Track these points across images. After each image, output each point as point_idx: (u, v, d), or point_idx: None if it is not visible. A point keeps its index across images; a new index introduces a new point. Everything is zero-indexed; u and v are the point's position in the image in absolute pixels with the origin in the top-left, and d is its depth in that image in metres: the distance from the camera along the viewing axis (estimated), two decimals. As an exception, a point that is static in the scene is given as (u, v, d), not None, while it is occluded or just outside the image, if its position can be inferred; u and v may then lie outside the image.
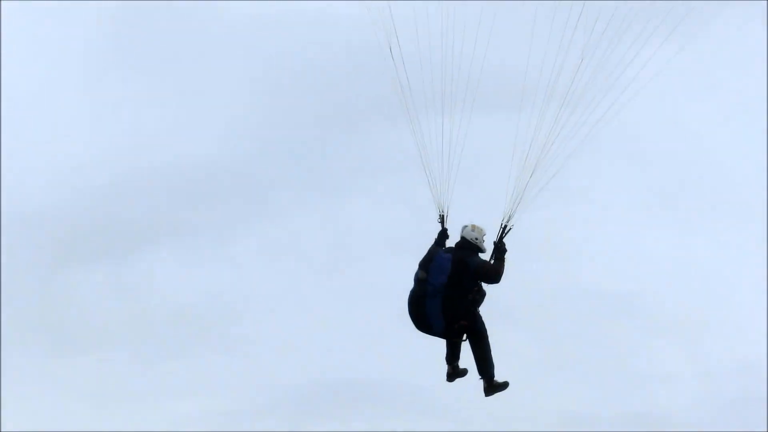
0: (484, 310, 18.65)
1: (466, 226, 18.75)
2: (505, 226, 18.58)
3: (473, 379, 19.04)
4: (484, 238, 18.65)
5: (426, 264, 18.52)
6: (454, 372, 19.05)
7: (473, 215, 18.88)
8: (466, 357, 19.06)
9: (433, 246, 18.80)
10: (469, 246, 18.59)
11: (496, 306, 18.90)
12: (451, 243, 18.87)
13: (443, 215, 18.96)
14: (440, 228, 19.02)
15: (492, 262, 18.47)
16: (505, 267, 18.42)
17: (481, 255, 18.54)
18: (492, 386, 18.72)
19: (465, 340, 18.72)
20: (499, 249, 18.51)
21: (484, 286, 18.43)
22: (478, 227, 18.68)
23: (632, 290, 41.97)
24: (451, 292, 18.23)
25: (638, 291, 42.13)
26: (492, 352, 18.59)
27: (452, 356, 18.93)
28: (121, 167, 44.26)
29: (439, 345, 19.10)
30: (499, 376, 18.72)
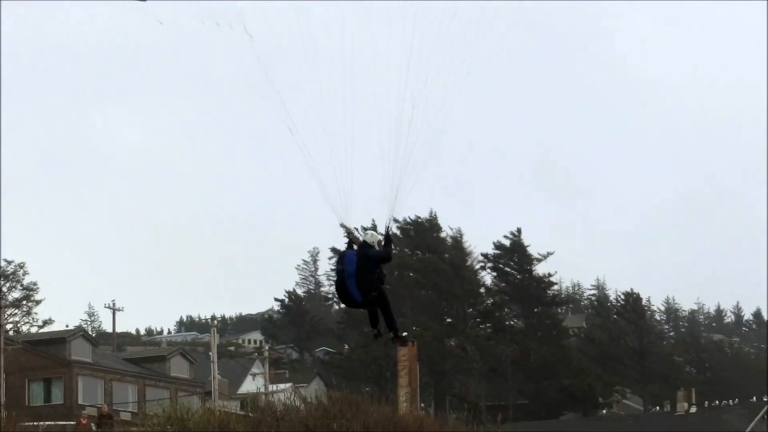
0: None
1: (367, 233, 27.57)
2: (388, 227, 27.38)
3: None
4: (378, 239, 27.52)
5: (341, 260, 27.33)
6: (378, 333, 27.71)
7: (367, 222, 27.80)
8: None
9: (344, 250, 27.65)
10: (368, 245, 27.45)
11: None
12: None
13: (349, 230, 27.60)
14: (348, 239, 27.74)
15: (383, 248, 27.22)
16: (392, 247, 27.13)
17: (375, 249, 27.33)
18: (396, 337, 27.65)
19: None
20: (388, 237, 27.41)
21: (384, 268, 27.19)
22: (374, 234, 27.58)
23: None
24: (361, 273, 26.83)
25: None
26: (394, 315, 27.38)
27: (373, 322, 27.57)
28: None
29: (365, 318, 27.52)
30: (400, 330, 27.68)
